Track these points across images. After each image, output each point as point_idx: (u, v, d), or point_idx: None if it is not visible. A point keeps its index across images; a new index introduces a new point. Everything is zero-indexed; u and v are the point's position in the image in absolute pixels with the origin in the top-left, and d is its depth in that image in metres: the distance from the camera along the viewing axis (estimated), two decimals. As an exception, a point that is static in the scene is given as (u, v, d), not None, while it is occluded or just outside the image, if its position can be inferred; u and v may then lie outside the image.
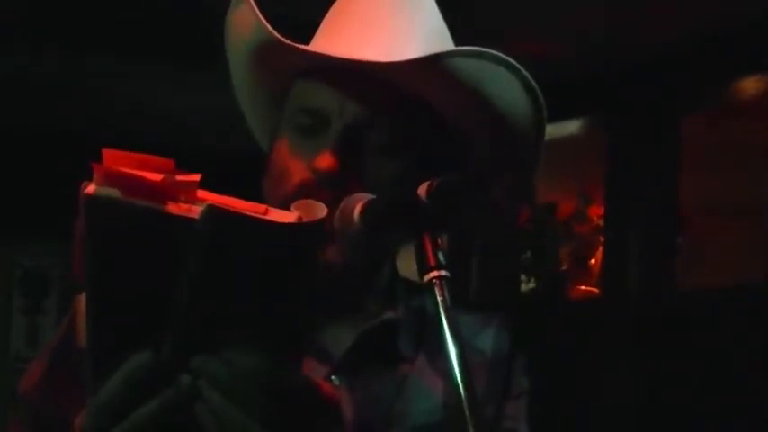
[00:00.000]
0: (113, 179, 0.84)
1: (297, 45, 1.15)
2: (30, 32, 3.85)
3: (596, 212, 4.36)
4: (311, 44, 1.21)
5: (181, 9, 3.59)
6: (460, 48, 1.13)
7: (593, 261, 4.39)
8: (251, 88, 1.30)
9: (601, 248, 4.26)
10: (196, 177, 0.87)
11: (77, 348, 0.91)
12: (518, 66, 1.14)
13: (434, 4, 1.24)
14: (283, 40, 1.15)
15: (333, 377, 1.15)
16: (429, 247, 0.97)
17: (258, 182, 1.19)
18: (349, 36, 1.18)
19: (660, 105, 3.92)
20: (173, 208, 0.85)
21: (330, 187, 1.10)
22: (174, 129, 4.63)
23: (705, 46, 3.64)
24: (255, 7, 1.16)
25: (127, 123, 4.47)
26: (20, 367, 4.49)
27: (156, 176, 0.85)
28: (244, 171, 1.05)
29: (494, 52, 1.12)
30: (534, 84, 1.15)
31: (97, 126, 3.87)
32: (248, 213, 0.87)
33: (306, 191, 1.10)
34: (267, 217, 0.88)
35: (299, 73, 1.19)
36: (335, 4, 1.25)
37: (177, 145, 0.90)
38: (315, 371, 1.11)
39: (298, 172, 1.15)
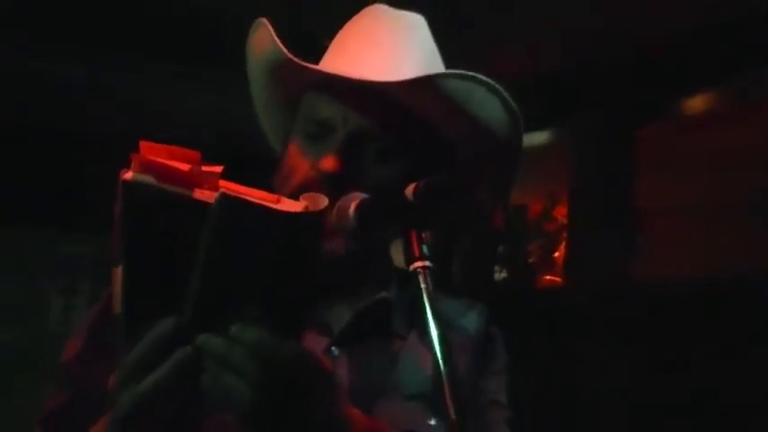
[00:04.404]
0: (148, 167, 0.87)
1: (306, 64, 1.17)
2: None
3: (561, 213, 4.38)
4: (321, 61, 1.24)
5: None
6: (448, 71, 1.16)
7: (557, 254, 4.42)
8: (268, 99, 1.33)
9: (564, 243, 4.28)
10: (219, 169, 0.90)
11: (112, 319, 0.92)
12: (498, 87, 1.16)
13: (426, 27, 1.27)
14: (294, 59, 1.17)
15: (333, 348, 1.17)
16: (414, 240, 0.98)
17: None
18: (352, 55, 1.21)
19: (619, 116, 3.92)
20: (198, 194, 0.88)
21: (331, 186, 1.11)
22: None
23: (659, 59, 3.62)
24: (272, 31, 1.19)
25: (154, 127, 4.38)
26: (56, 343, 4.49)
27: (185, 166, 0.88)
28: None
29: (478, 75, 1.15)
30: (512, 102, 1.17)
31: (125, 129, 3.79)
32: (258, 202, 0.89)
33: (308, 187, 1.12)
34: (278, 205, 0.91)
35: (310, 85, 1.21)
36: (344, 27, 1.28)
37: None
38: (317, 343, 1.13)
39: (303, 171, 1.17)
